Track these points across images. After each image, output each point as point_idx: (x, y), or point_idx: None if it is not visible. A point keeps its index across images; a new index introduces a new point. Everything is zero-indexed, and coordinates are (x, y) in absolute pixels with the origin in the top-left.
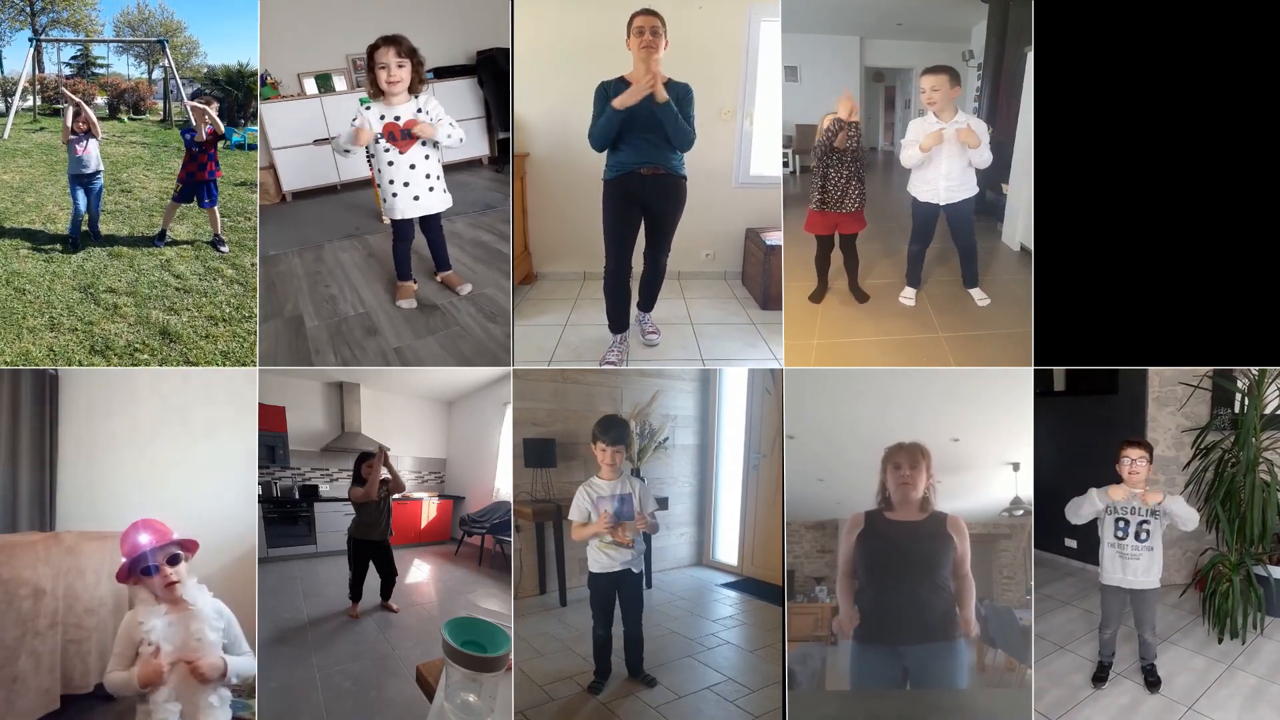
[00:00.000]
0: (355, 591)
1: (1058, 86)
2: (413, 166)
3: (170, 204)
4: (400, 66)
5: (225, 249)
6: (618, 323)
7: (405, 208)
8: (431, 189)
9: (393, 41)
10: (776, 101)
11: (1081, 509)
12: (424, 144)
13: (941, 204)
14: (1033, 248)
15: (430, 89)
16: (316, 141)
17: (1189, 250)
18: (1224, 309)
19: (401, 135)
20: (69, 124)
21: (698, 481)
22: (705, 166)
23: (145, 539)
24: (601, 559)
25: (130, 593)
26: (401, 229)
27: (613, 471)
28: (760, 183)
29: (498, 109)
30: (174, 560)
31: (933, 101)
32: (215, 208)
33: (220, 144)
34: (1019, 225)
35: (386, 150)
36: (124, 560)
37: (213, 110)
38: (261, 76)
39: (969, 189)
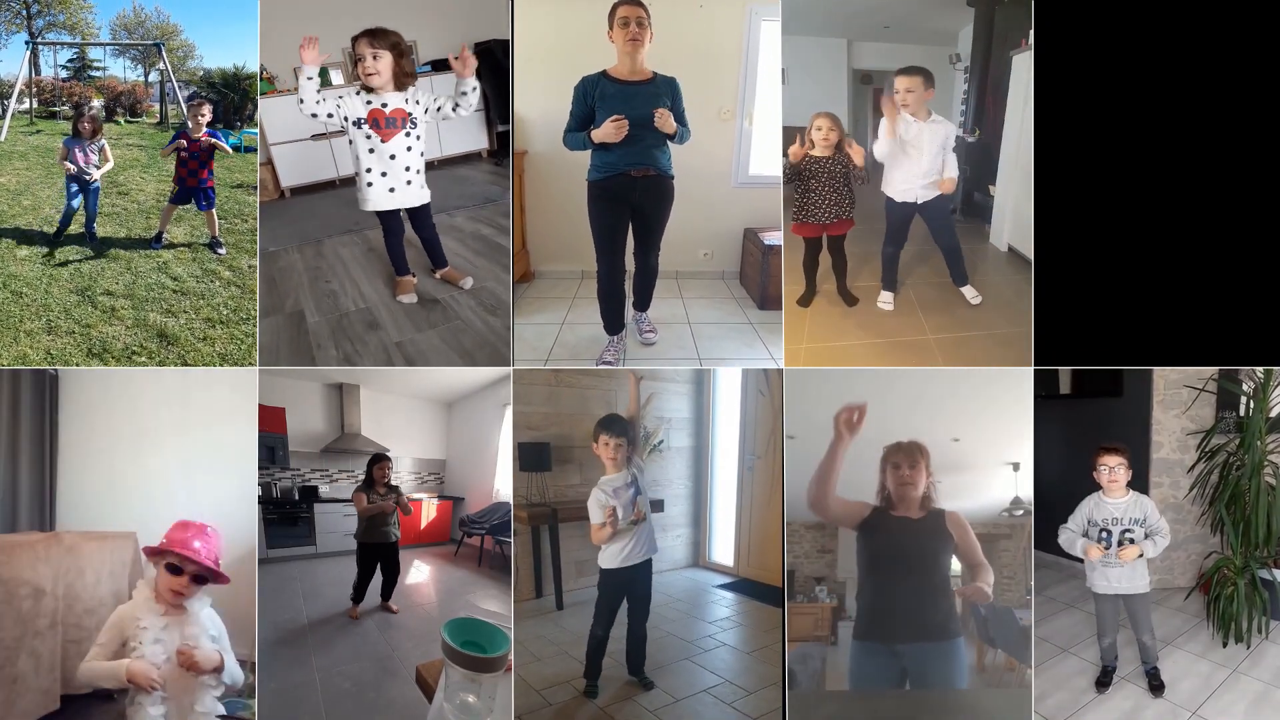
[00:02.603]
0: (359, 594)
1: (1059, 86)
2: (393, 157)
3: (167, 206)
4: (376, 58)
5: (223, 251)
6: (613, 324)
7: (379, 199)
8: (409, 182)
9: (368, 34)
10: (776, 101)
11: (1074, 544)
12: (408, 134)
13: (918, 202)
14: (1032, 248)
15: (428, 82)
16: (315, 137)
17: (1191, 249)
18: (1227, 309)
19: (386, 123)
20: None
21: (693, 483)
22: (704, 166)
23: (198, 545)
24: (618, 552)
25: (130, 581)
26: (389, 222)
27: (616, 466)
28: (759, 183)
29: (496, 101)
30: (200, 579)
31: (906, 103)
32: (213, 210)
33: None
34: (1006, 226)
35: (368, 137)
36: (165, 542)
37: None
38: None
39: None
